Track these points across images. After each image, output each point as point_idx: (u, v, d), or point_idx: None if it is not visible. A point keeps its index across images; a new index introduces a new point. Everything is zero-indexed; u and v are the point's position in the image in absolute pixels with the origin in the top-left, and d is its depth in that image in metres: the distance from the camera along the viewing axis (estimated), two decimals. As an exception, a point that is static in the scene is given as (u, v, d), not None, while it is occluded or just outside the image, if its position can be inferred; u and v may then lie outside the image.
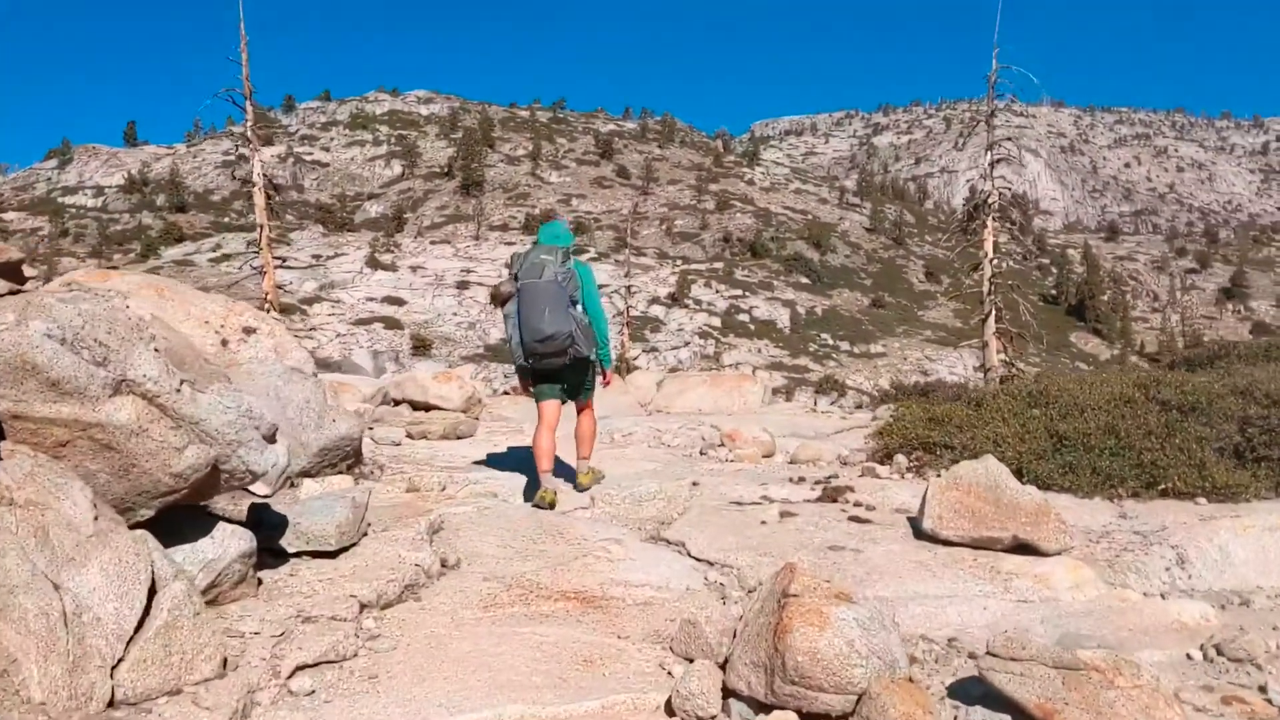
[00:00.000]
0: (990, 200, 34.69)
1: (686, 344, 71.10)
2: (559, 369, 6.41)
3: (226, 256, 77.03)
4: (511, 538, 4.92)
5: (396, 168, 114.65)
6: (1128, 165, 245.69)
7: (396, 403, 11.31)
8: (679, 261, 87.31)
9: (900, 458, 7.09)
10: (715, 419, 10.21)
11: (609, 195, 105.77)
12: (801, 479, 6.55)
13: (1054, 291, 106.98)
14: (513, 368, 7.16)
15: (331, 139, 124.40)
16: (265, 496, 5.40)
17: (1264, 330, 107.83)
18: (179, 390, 3.46)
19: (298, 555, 4.31)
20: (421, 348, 64.09)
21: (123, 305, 3.61)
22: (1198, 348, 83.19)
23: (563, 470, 6.95)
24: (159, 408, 3.40)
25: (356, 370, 57.87)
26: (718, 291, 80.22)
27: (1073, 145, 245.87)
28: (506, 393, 18.43)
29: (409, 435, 8.64)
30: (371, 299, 71.67)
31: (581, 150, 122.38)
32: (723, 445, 8.17)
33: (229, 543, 3.70)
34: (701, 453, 8.20)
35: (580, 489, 6.43)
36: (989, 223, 34.68)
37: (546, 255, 6.35)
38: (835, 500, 5.79)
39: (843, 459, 7.57)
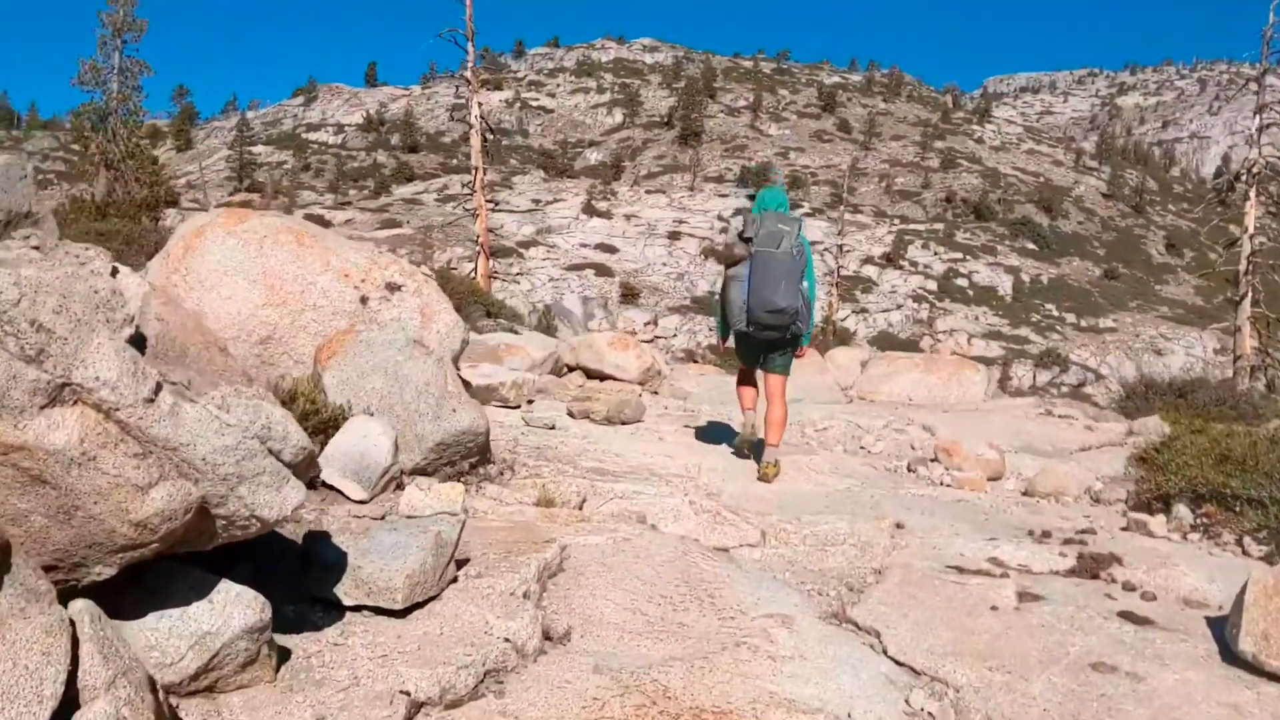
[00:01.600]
0: (1255, 169, 30.81)
1: (899, 307, 68.50)
2: (772, 340, 6.45)
3: (451, 197, 79.29)
4: (646, 595, 3.69)
5: (618, 116, 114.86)
6: None
7: (571, 368, 10.35)
8: (897, 220, 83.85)
9: (1181, 509, 5.39)
10: (928, 415, 8.66)
11: (828, 149, 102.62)
12: (1046, 535, 4.97)
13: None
14: (714, 321, 7.00)
15: (558, 85, 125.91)
16: (362, 501, 4.41)
17: None
18: (152, 400, 2.40)
19: (356, 609, 3.25)
20: (630, 296, 64.14)
21: (102, 271, 2.58)
22: None
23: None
24: (118, 425, 2.35)
25: (567, 315, 58.53)
26: (936, 254, 76.73)
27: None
28: (695, 359, 17.24)
29: (570, 413, 7.58)
30: (585, 245, 72.19)
31: (803, 103, 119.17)
32: (936, 460, 6.67)
33: (231, 612, 2.64)
34: (909, 468, 6.72)
35: (763, 478, 6.28)
36: (1251, 194, 30.84)
37: (784, 225, 6.29)
38: (1096, 575, 4.26)
39: (1094, 494, 5.96)
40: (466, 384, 7.53)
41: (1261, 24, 30.11)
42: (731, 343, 6.79)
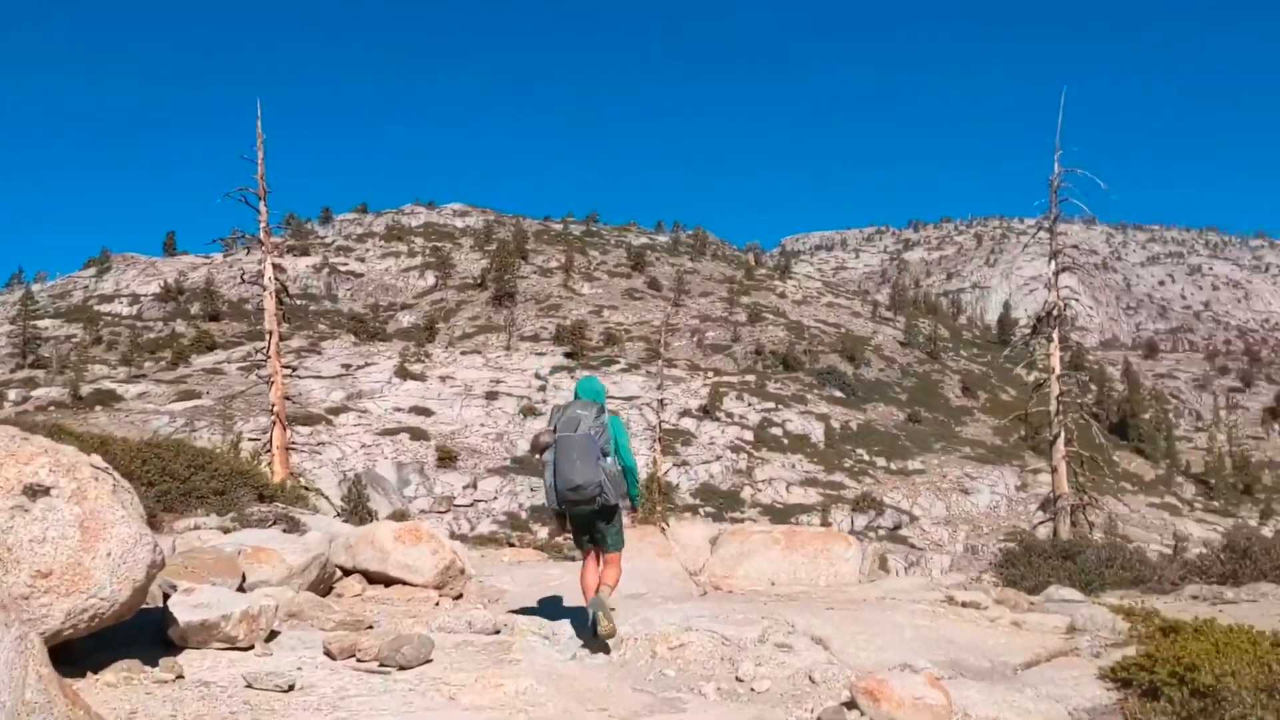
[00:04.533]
0: (1055, 313, 31.46)
1: (718, 458, 68.53)
2: (589, 514, 6.85)
3: (256, 365, 76.07)
4: None
5: (430, 278, 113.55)
6: (1162, 283, 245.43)
7: (347, 572, 8.08)
8: (710, 373, 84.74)
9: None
10: (807, 613, 6.78)
11: (640, 307, 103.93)
12: None
13: (1095, 409, 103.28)
14: (538, 483, 6.29)
15: (367, 250, 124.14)
16: None
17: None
18: None
19: None
20: (447, 459, 61.71)
21: None
22: (1245, 469, 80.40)
23: None
24: None
25: (380, 482, 55.13)
26: (750, 404, 77.88)
27: (1105, 262, 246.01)
28: (511, 544, 15.05)
29: (329, 652, 5.38)
30: (399, 409, 69.83)
31: (614, 262, 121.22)
32: (854, 707, 4.77)
33: None
34: (820, 722, 4.80)
35: (602, 635, 6.49)
36: (1055, 336, 31.37)
37: (582, 410, 6.94)
38: None
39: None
40: (173, 622, 5.25)
41: (1047, 173, 31.04)
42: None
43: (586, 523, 6.93)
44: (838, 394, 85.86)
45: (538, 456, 6.95)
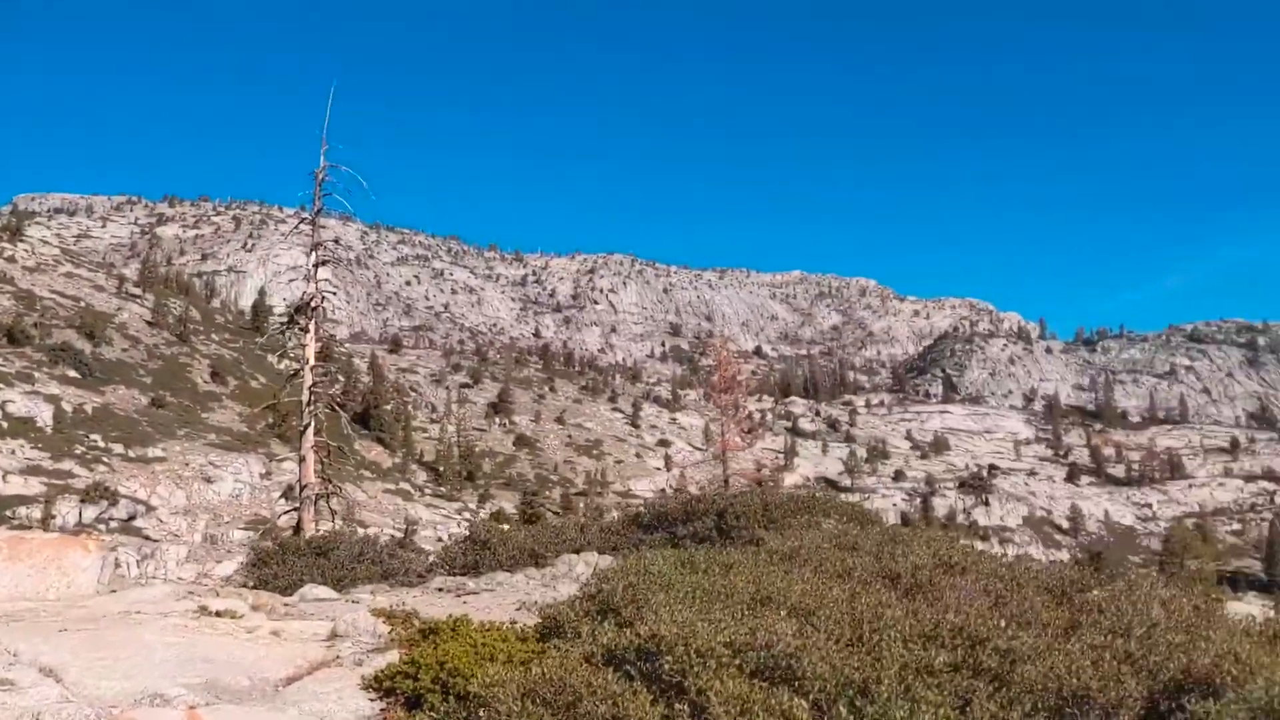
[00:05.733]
0: (314, 304, 32.01)
1: (-92, 448, 58.58)
2: None
3: None
4: None
5: None
6: (409, 283, 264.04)
7: None
8: (-97, 345, 71.99)
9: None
10: (36, 638, 5.78)
11: None
12: None
13: (342, 400, 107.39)
14: None
15: None
16: None
17: (525, 443, 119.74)
18: None
19: None
20: None
21: None
22: (470, 458, 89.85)
23: None
24: None
25: None
26: (-38, 383, 67.78)
27: (359, 259, 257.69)
28: None
29: None
30: None
31: None
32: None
33: None
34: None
35: None
36: (312, 328, 31.91)
37: None
38: None
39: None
40: None
41: (313, 166, 31.20)
42: None
43: None
44: (72, 374, 78.40)
45: None
